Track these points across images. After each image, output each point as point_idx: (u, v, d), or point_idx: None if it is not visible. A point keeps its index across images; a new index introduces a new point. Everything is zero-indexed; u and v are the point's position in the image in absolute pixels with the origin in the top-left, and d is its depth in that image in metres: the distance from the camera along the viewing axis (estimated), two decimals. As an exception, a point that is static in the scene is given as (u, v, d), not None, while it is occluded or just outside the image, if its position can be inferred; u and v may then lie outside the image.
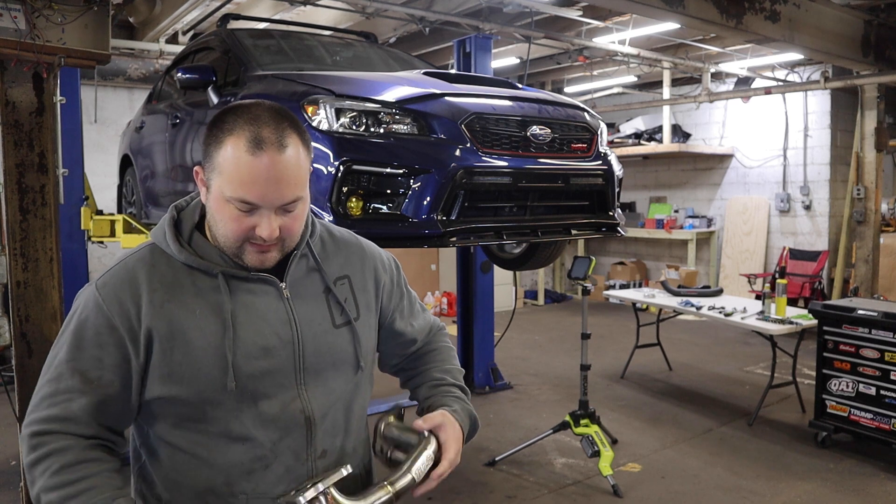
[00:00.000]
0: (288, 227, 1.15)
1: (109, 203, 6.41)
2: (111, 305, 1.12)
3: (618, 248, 11.00)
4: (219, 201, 1.12)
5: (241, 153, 1.08)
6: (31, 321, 3.03)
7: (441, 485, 1.25)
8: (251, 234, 1.12)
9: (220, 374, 1.12)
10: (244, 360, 1.14)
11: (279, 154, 1.08)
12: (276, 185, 1.09)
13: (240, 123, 1.09)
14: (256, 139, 1.08)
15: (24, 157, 2.99)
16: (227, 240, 1.15)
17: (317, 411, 1.20)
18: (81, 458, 1.08)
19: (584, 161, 3.07)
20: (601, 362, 6.36)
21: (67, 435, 1.09)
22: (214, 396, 1.13)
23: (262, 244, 1.14)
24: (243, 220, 1.12)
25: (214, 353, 1.13)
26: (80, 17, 2.98)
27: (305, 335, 1.20)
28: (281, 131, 1.09)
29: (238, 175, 1.08)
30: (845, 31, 6.20)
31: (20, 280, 3.00)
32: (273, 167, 1.08)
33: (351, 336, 1.26)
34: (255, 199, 1.09)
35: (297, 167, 1.12)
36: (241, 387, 1.14)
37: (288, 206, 1.13)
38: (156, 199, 4.25)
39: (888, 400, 4.06)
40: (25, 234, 3.01)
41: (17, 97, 2.95)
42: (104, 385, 1.11)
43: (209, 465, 1.16)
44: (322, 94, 2.66)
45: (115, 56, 6.09)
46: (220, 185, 1.11)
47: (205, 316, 1.14)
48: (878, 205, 7.55)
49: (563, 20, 6.69)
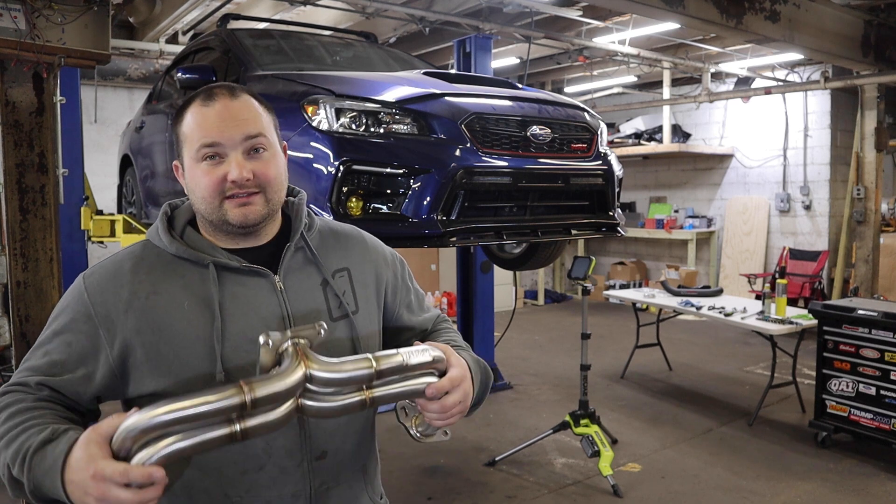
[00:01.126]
0: (261, 171, 1.14)
1: (109, 203, 6.41)
2: (93, 295, 1.12)
3: (618, 248, 11.00)
4: (191, 168, 1.15)
5: (196, 108, 1.15)
6: (31, 321, 3.03)
7: (441, 485, 1.23)
8: (225, 184, 1.13)
9: (209, 366, 1.10)
10: (233, 352, 1.11)
11: (231, 99, 1.15)
12: (233, 121, 1.13)
13: (194, 98, 1.17)
14: (208, 94, 1.16)
15: (24, 157, 2.99)
16: (206, 202, 1.15)
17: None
18: (32, 406, 1.06)
19: (584, 161, 3.07)
20: (601, 362, 6.36)
21: (23, 393, 1.08)
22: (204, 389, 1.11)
23: (240, 195, 1.13)
24: (214, 170, 1.13)
25: (203, 345, 1.10)
26: (80, 17, 2.99)
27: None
28: (232, 88, 1.18)
29: (196, 125, 1.14)
30: (845, 31, 6.20)
31: (20, 280, 3.01)
32: (227, 108, 1.14)
33: (349, 329, 1.22)
34: (216, 137, 1.12)
35: (253, 111, 1.16)
36: (232, 380, 1.10)
37: (253, 143, 1.14)
38: (156, 199, 4.25)
39: (888, 400, 4.06)
40: (25, 234, 3.01)
41: (17, 97, 2.96)
42: (67, 370, 1.10)
43: (201, 467, 1.13)
44: (322, 94, 2.66)
45: (115, 56, 6.09)
46: (188, 150, 1.15)
47: (193, 307, 1.12)
48: (878, 205, 7.55)
49: (563, 20, 6.69)
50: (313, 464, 1.18)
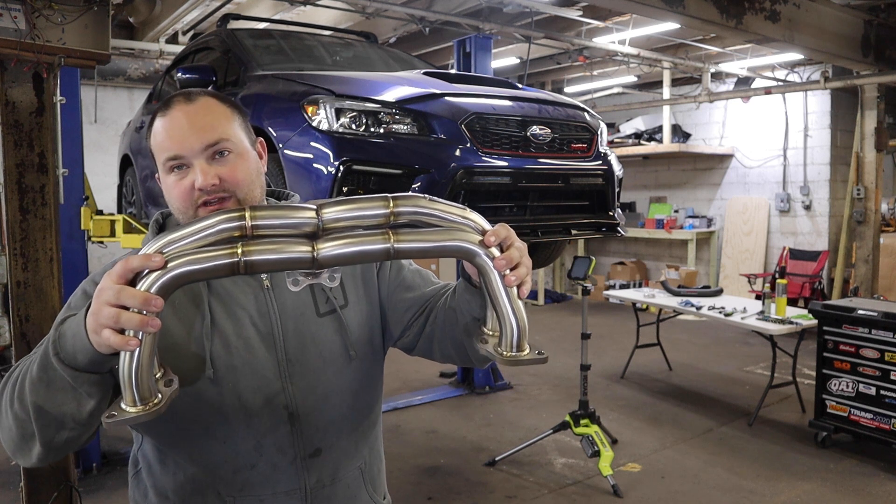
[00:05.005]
0: (227, 175, 1.12)
1: (109, 203, 6.40)
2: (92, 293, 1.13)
3: (618, 248, 11.00)
4: (164, 180, 1.15)
5: (158, 121, 1.14)
6: (31, 321, 3.02)
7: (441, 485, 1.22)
8: (194, 193, 1.12)
9: (199, 364, 1.11)
10: (223, 350, 1.12)
11: (187, 104, 1.13)
12: (192, 130, 1.11)
13: (157, 110, 1.16)
14: (166, 104, 1.15)
15: (24, 157, 2.99)
16: (181, 212, 1.14)
17: (302, 406, 1.16)
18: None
19: (584, 161, 3.07)
20: (601, 362, 6.36)
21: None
22: (193, 388, 1.11)
23: (211, 202, 1.12)
24: (182, 181, 1.12)
25: (193, 344, 1.12)
26: (80, 17, 2.98)
27: (286, 326, 1.17)
28: (190, 94, 1.15)
29: (159, 139, 1.13)
30: (845, 31, 6.20)
31: (20, 280, 3.00)
32: (183, 116, 1.12)
33: (337, 325, 1.21)
34: (177, 150, 1.11)
35: (211, 114, 1.14)
36: (221, 379, 1.12)
37: (214, 149, 1.12)
38: (156, 199, 4.25)
39: (888, 400, 4.06)
40: (25, 234, 3.01)
41: (17, 97, 2.95)
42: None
43: (194, 466, 1.14)
44: (322, 94, 2.66)
45: (115, 56, 6.09)
46: (158, 162, 1.15)
47: (183, 308, 1.13)
48: (878, 205, 7.55)
49: (563, 20, 6.69)
50: (307, 461, 1.17)
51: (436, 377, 5.93)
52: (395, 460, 4.11)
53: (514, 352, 0.95)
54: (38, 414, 0.95)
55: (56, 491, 3.02)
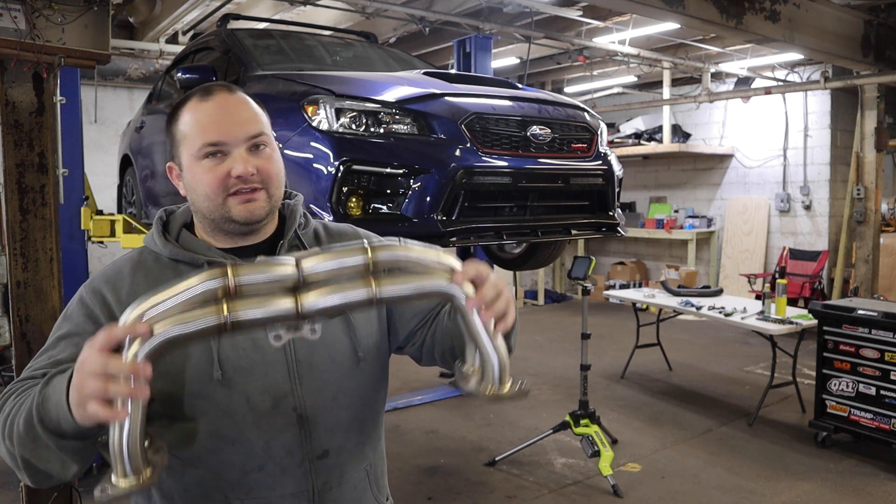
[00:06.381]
0: (264, 168, 1.14)
1: (109, 203, 6.40)
2: (93, 297, 1.13)
3: (618, 248, 11.00)
4: (191, 168, 1.14)
5: (194, 105, 1.14)
6: (31, 321, 3.02)
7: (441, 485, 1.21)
8: (229, 181, 1.12)
9: (207, 366, 1.10)
10: (231, 350, 1.11)
11: (230, 94, 1.15)
12: (235, 118, 1.13)
13: (190, 97, 1.16)
14: (205, 91, 1.15)
15: (24, 157, 2.99)
16: (210, 199, 1.13)
17: (311, 408, 1.15)
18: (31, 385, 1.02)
19: (584, 161, 3.08)
20: (601, 362, 6.35)
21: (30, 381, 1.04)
22: (202, 389, 1.10)
23: (244, 191, 1.13)
24: (217, 168, 1.12)
25: (201, 345, 1.10)
26: (80, 17, 2.98)
27: None
28: (230, 86, 1.18)
29: (197, 123, 1.13)
30: (845, 31, 6.20)
31: (20, 280, 3.00)
32: (226, 104, 1.14)
33: (345, 326, 1.20)
34: (219, 136, 1.12)
35: (252, 109, 1.16)
36: (229, 380, 1.11)
37: (255, 141, 1.14)
38: (156, 199, 4.25)
39: (888, 400, 4.06)
40: (25, 234, 3.01)
41: (17, 97, 2.95)
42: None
43: (201, 469, 1.13)
44: (322, 93, 2.66)
45: (115, 56, 6.09)
46: (188, 149, 1.14)
47: None
48: (878, 205, 7.55)
49: (563, 20, 6.69)
50: (315, 463, 1.17)
51: (436, 377, 5.93)
52: (396, 460, 4.11)
53: (497, 387, 0.97)
54: (26, 465, 0.97)
55: (56, 491, 3.02)
